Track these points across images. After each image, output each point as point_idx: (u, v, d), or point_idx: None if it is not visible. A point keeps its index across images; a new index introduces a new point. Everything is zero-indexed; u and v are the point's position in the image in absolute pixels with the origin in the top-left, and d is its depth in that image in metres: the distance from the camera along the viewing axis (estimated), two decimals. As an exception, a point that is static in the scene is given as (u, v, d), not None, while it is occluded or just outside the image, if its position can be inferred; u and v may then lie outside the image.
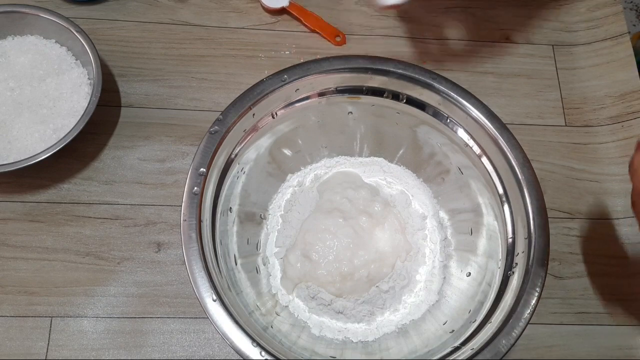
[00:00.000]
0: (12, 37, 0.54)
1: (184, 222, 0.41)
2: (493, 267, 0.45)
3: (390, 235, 0.48)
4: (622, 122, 0.58)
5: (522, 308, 0.39)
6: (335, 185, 0.51)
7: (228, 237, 0.45)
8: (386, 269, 0.47)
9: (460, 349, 0.40)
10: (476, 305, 0.44)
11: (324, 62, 0.46)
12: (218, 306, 0.38)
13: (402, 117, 0.49)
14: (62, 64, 0.53)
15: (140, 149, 0.54)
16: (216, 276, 0.40)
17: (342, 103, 0.49)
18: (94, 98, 0.50)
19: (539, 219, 0.42)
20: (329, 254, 0.46)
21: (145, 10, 0.60)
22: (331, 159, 0.53)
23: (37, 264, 0.49)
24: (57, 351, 0.46)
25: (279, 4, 0.60)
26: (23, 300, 0.48)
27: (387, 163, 0.53)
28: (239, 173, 0.47)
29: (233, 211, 0.46)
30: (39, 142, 0.50)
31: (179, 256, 0.50)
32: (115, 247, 0.50)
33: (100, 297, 0.48)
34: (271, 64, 0.58)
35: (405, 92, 0.47)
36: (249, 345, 0.37)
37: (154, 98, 0.56)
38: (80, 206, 0.51)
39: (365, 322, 0.47)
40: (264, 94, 0.45)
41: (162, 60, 0.58)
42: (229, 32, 0.60)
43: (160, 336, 0.47)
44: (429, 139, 0.50)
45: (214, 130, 0.43)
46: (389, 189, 0.52)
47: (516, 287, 0.40)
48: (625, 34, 0.62)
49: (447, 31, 0.62)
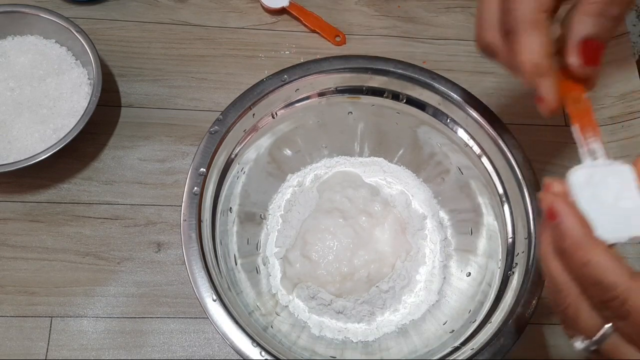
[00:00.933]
0: (12, 37, 0.54)
1: (184, 222, 0.41)
2: (493, 267, 0.45)
3: (390, 236, 0.48)
4: (622, 122, 0.58)
5: (522, 308, 0.39)
6: (335, 185, 0.51)
7: (228, 237, 0.45)
8: (386, 269, 0.47)
9: (460, 349, 0.40)
10: (476, 305, 0.44)
11: (324, 62, 0.46)
12: (218, 306, 0.38)
13: (402, 117, 0.49)
14: (62, 64, 0.53)
15: (140, 149, 0.54)
16: (216, 276, 0.40)
17: (342, 103, 0.49)
18: (94, 98, 0.50)
19: (539, 219, 0.42)
20: (328, 254, 0.46)
21: (145, 10, 0.60)
22: (331, 159, 0.53)
23: (37, 264, 0.49)
24: (57, 351, 0.46)
25: (279, 4, 0.60)
26: (23, 300, 0.48)
27: (387, 163, 0.53)
28: (239, 173, 0.47)
29: (233, 211, 0.47)
30: (39, 142, 0.50)
31: (179, 256, 0.50)
32: (115, 247, 0.50)
33: (100, 297, 0.48)
34: (271, 64, 0.58)
35: (405, 92, 0.47)
36: (249, 345, 0.37)
37: (154, 98, 0.56)
38: (80, 206, 0.51)
39: (365, 322, 0.47)
40: (264, 94, 0.45)
41: (162, 60, 0.58)
42: (229, 32, 0.60)
43: (160, 336, 0.47)
44: (429, 139, 0.50)
45: (214, 130, 0.43)
46: (389, 189, 0.52)
47: (516, 287, 0.40)
48: (625, 34, 0.61)
49: (447, 31, 0.62)
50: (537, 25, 0.30)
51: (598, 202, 0.27)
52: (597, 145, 0.29)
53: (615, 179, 0.28)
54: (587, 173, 0.28)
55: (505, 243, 0.44)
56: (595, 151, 0.29)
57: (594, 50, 0.29)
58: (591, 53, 0.29)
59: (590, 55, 0.29)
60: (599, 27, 0.29)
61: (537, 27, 0.30)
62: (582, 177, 0.28)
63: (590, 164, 0.29)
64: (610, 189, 0.27)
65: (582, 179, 0.28)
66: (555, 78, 0.30)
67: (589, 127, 0.29)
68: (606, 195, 0.27)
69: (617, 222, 0.27)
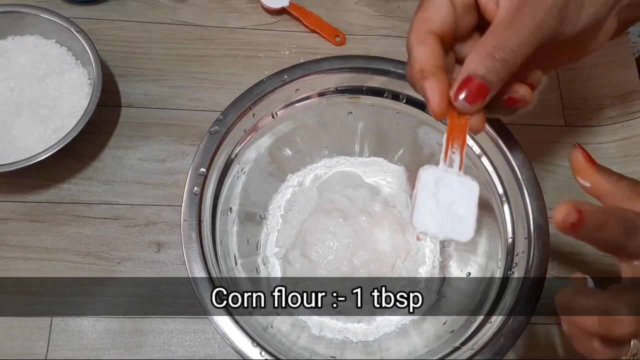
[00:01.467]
0: (12, 37, 0.54)
1: (184, 222, 0.41)
2: (493, 267, 0.45)
3: (390, 235, 0.48)
4: (622, 122, 0.58)
5: (522, 308, 0.39)
6: (335, 185, 0.51)
7: (228, 237, 0.45)
8: (386, 269, 0.47)
9: (460, 349, 0.40)
10: (476, 305, 0.44)
11: (324, 62, 0.46)
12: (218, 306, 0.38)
13: (402, 117, 0.49)
14: (62, 64, 0.53)
15: (140, 149, 0.54)
16: (216, 276, 0.40)
17: (342, 103, 0.49)
18: (94, 98, 0.50)
19: (539, 219, 0.42)
20: (328, 254, 0.46)
21: (145, 10, 0.60)
22: (331, 159, 0.53)
23: (37, 264, 0.49)
24: (57, 351, 0.46)
25: (279, 4, 0.60)
26: (23, 300, 0.48)
27: (387, 163, 0.53)
28: (239, 173, 0.47)
29: (233, 211, 0.47)
30: (39, 142, 0.50)
31: (179, 256, 0.50)
32: (115, 247, 0.50)
33: (100, 297, 0.48)
34: (271, 64, 0.58)
35: (405, 92, 0.47)
36: (249, 345, 0.37)
37: (154, 98, 0.56)
38: (80, 206, 0.51)
39: (366, 322, 0.47)
40: (264, 94, 0.45)
41: (162, 60, 0.58)
42: (229, 32, 0.60)
43: (160, 336, 0.47)
44: (429, 139, 0.50)
45: (214, 130, 0.43)
46: (389, 189, 0.52)
47: (516, 287, 0.40)
48: (625, 33, 0.61)
49: (447, 31, 0.62)
50: (423, 41, 0.32)
51: (435, 200, 0.30)
52: (457, 158, 0.31)
53: (460, 188, 0.30)
54: (438, 174, 0.30)
55: (505, 243, 0.44)
56: (454, 161, 0.31)
57: (475, 88, 0.30)
58: (472, 90, 0.30)
59: (470, 92, 0.30)
60: (486, 68, 0.29)
61: (422, 42, 0.32)
62: (431, 175, 0.30)
63: (444, 168, 0.31)
64: (451, 194, 0.30)
65: (431, 177, 0.30)
66: (440, 85, 0.30)
67: (457, 140, 0.31)
68: (445, 198, 0.30)
69: (441, 220, 0.29)
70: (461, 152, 0.31)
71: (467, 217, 0.30)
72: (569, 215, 0.27)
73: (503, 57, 0.29)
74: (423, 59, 0.31)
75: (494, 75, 0.30)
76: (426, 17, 0.32)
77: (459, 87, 0.30)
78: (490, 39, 0.30)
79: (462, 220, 0.30)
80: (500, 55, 0.29)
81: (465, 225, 0.30)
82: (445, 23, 0.32)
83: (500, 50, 0.29)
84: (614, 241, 0.28)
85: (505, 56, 0.29)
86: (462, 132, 0.31)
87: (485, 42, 0.30)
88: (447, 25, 0.32)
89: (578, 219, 0.27)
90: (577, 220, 0.27)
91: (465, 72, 0.30)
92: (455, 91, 0.30)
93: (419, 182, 0.30)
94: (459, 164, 0.31)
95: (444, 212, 0.30)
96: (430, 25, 0.32)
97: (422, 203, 0.30)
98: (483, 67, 0.29)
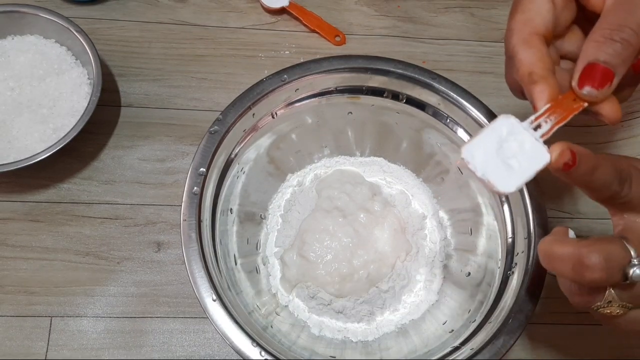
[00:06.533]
0: (12, 37, 0.54)
1: (184, 222, 0.41)
2: (493, 267, 0.45)
3: (390, 235, 0.48)
4: (622, 122, 0.58)
5: (521, 308, 0.39)
6: (333, 182, 0.51)
7: (228, 237, 0.45)
8: (386, 269, 0.47)
9: (460, 349, 0.40)
10: (476, 305, 0.44)
11: (324, 62, 0.46)
12: (218, 306, 0.38)
13: (402, 117, 0.49)
14: (62, 64, 0.53)
15: (140, 148, 0.54)
16: (216, 276, 0.40)
17: (342, 103, 0.49)
18: (94, 98, 0.50)
19: (538, 218, 0.42)
20: (326, 254, 0.46)
21: (145, 10, 0.60)
22: (331, 159, 0.53)
23: (37, 264, 0.49)
24: (57, 351, 0.46)
25: (279, 4, 0.60)
26: (23, 300, 0.48)
27: (387, 163, 0.53)
28: (239, 173, 0.47)
29: (233, 211, 0.47)
30: (39, 141, 0.50)
31: (179, 256, 0.50)
32: (115, 247, 0.50)
33: (100, 297, 0.48)
34: (271, 64, 0.58)
35: (405, 92, 0.47)
36: (248, 345, 0.37)
37: (154, 98, 0.56)
38: (80, 206, 0.51)
39: (365, 322, 0.47)
40: (264, 94, 0.45)
41: (162, 60, 0.58)
42: (229, 32, 0.60)
43: (160, 336, 0.47)
44: (428, 139, 0.50)
45: (214, 130, 0.43)
46: (389, 189, 0.52)
47: (516, 287, 0.40)
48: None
49: (446, 31, 0.62)
50: (529, 44, 0.31)
51: (497, 145, 0.29)
52: (546, 127, 0.30)
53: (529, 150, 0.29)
54: (516, 127, 0.29)
55: (504, 243, 0.44)
56: (541, 126, 0.30)
57: (599, 73, 0.29)
58: (595, 76, 0.29)
59: (593, 78, 0.29)
60: (608, 52, 0.29)
61: (529, 45, 0.31)
62: (509, 125, 0.29)
63: (527, 127, 0.30)
64: (516, 150, 0.29)
65: (507, 126, 0.29)
66: (550, 90, 0.30)
67: (557, 115, 0.30)
68: (508, 149, 0.29)
69: (490, 162, 0.28)
70: (554, 125, 0.30)
71: (518, 173, 0.28)
72: (563, 155, 0.27)
73: (623, 37, 0.29)
74: (531, 62, 0.31)
75: (617, 57, 0.29)
76: (528, 18, 0.32)
77: (581, 77, 0.29)
78: (604, 24, 0.29)
79: (511, 173, 0.28)
80: (620, 36, 0.29)
81: (512, 179, 0.28)
82: (548, 22, 0.32)
83: (618, 31, 0.29)
84: (606, 187, 0.28)
85: (626, 36, 0.29)
86: (568, 112, 0.30)
87: (600, 27, 0.29)
88: (550, 25, 0.32)
89: (571, 159, 0.27)
90: (570, 161, 0.27)
91: (585, 60, 0.29)
92: (578, 81, 0.29)
93: (494, 123, 0.29)
94: (545, 132, 0.30)
95: (498, 159, 0.28)
96: (533, 26, 0.31)
97: (483, 140, 0.28)
98: (603, 52, 0.29)
